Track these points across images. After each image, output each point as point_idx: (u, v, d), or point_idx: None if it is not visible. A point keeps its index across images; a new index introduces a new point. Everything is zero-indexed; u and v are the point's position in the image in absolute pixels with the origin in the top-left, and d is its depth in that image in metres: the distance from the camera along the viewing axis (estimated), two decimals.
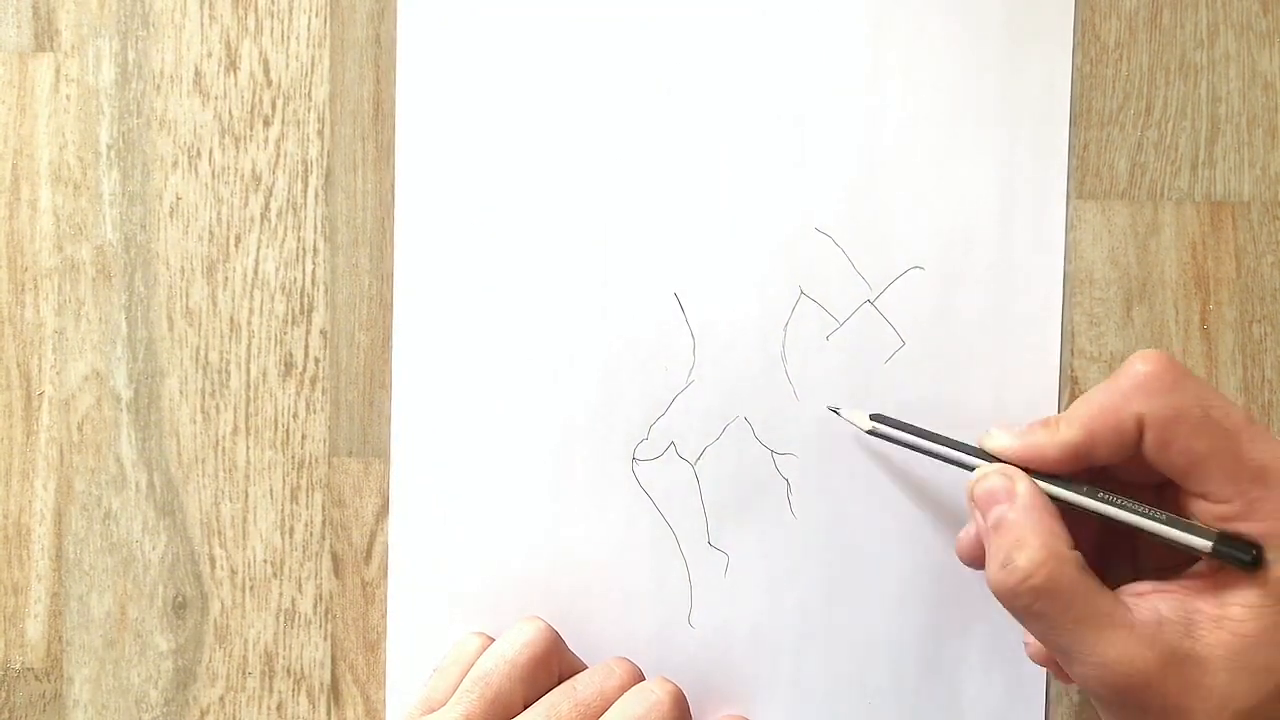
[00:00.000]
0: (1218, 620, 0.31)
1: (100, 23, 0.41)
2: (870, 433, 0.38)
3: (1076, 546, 0.33)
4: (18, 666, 0.41)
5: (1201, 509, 0.32)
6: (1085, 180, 0.40)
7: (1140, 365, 0.32)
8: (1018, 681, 0.40)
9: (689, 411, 0.40)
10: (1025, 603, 0.32)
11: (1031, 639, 0.36)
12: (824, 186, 0.40)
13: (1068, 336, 0.40)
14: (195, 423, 0.41)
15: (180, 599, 0.41)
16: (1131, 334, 0.40)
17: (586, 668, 0.38)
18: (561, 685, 0.37)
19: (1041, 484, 0.34)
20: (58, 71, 0.41)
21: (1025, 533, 0.32)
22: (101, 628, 0.41)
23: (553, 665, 0.38)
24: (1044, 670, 0.39)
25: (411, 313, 0.40)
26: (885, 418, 0.38)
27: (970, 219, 0.40)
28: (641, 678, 0.38)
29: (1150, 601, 0.32)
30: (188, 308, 0.41)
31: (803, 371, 0.40)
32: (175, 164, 0.41)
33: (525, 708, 0.37)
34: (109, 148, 0.41)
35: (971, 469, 0.35)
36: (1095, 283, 0.40)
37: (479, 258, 0.40)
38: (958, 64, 0.40)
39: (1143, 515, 0.33)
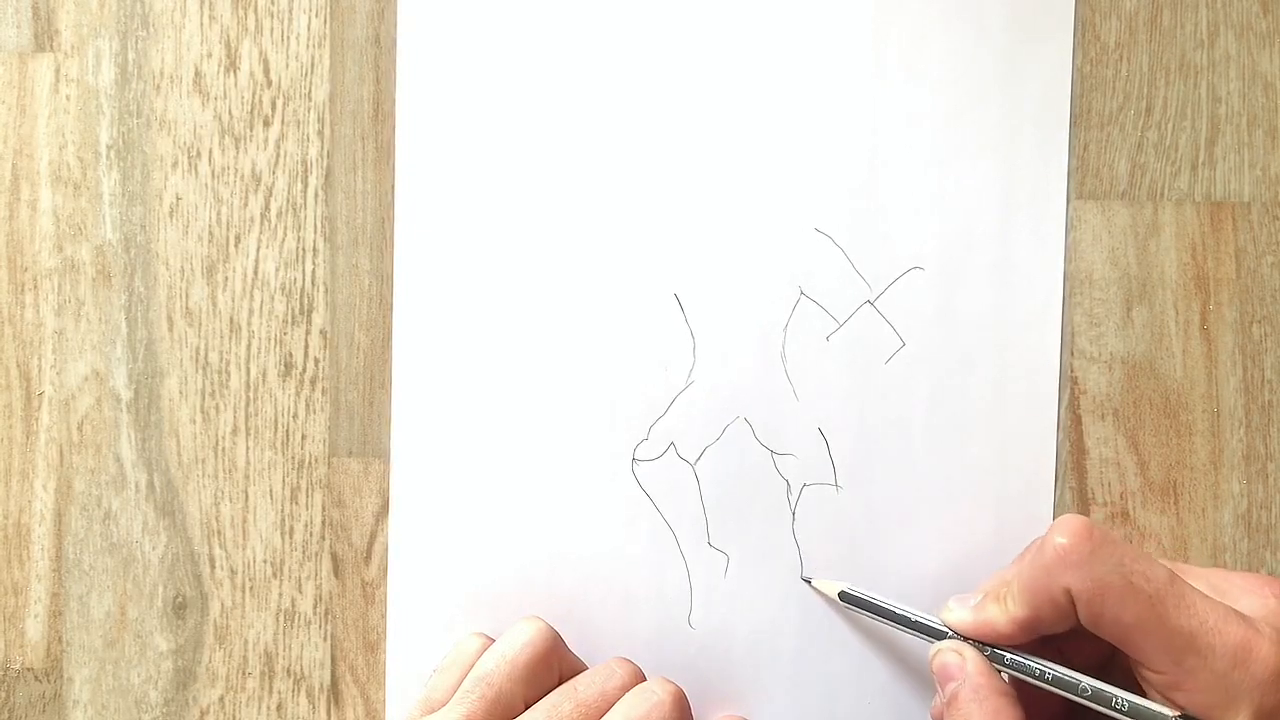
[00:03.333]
0: None
1: (100, 23, 0.41)
2: (842, 599, 0.39)
3: (1044, 709, 0.35)
4: (18, 667, 0.41)
5: (1146, 677, 0.33)
6: (1085, 180, 0.40)
7: (1059, 538, 0.33)
8: None
9: (689, 412, 0.40)
10: None
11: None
12: (824, 186, 0.40)
13: (1068, 336, 0.40)
14: (195, 423, 0.41)
15: (180, 599, 0.41)
16: (1131, 334, 0.40)
17: (587, 668, 0.38)
18: (562, 685, 0.37)
19: (1000, 660, 0.35)
20: (58, 72, 0.41)
21: (971, 713, 0.34)
22: (101, 628, 0.41)
23: (553, 665, 0.38)
24: None
25: (411, 313, 0.40)
26: (854, 592, 0.39)
27: (970, 219, 0.40)
28: (643, 678, 0.38)
29: None
30: (188, 308, 0.41)
31: (803, 372, 0.40)
32: (175, 164, 0.41)
33: (526, 708, 0.37)
34: (109, 148, 0.41)
35: (935, 638, 0.36)
36: (1095, 283, 0.40)
37: (479, 258, 0.40)
38: (958, 64, 0.40)
39: (1099, 702, 0.33)
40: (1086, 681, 0.34)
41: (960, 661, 0.35)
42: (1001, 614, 0.35)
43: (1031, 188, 0.40)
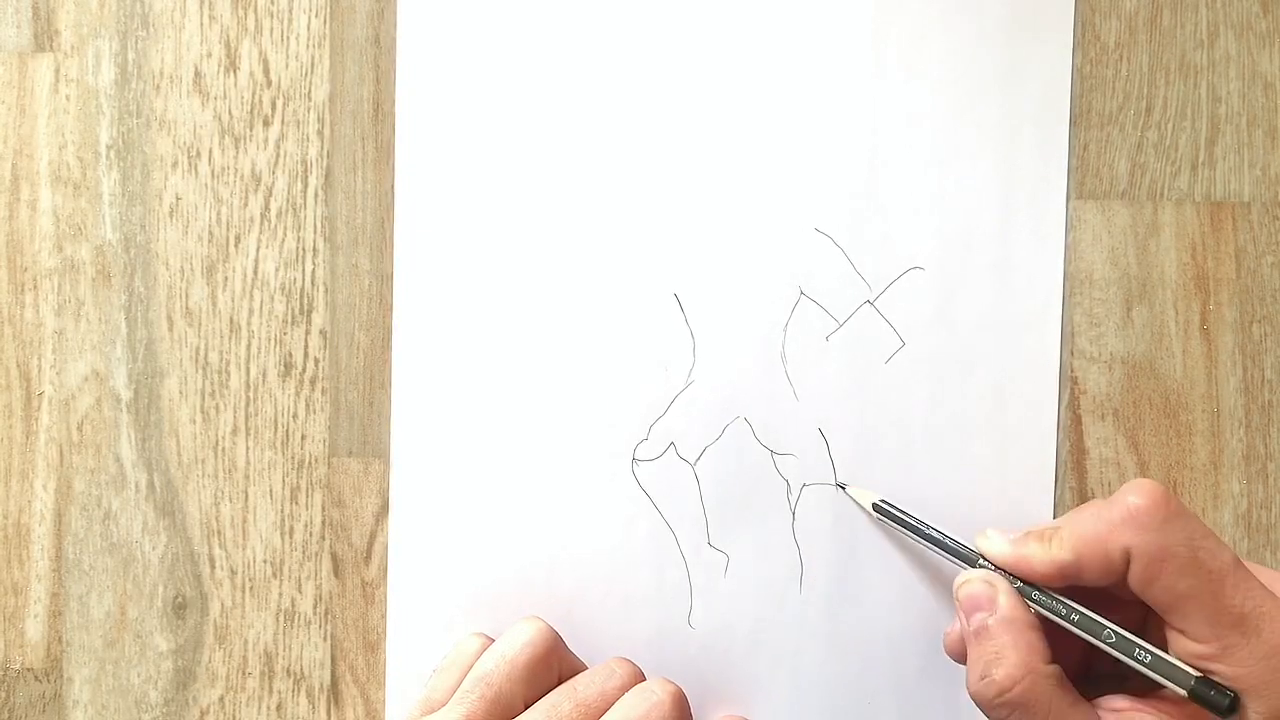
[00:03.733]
0: None
1: (100, 23, 0.41)
2: (875, 510, 0.39)
3: (1061, 653, 0.34)
4: (18, 667, 0.41)
5: (1180, 644, 0.33)
6: (1085, 180, 0.40)
7: (1133, 498, 0.33)
8: None
9: (689, 412, 0.40)
10: (1000, 715, 0.33)
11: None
12: (824, 186, 0.40)
13: (1068, 336, 0.40)
14: (195, 423, 0.41)
15: (180, 599, 0.41)
16: (1131, 334, 0.40)
17: (586, 668, 0.38)
18: (562, 685, 0.37)
19: (1028, 594, 0.34)
20: (58, 71, 0.41)
21: (1004, 646, 0.33)
22: (101, 628, 0.41)
23: (553, 665, 0.38)
24: None
25: (411, 313, 0.40)
26: (890, 504, 0.39)
27: (970, 219, 0.40)
28: (642, 678, 0.38)
29: (1126, 719, 0.33)
30: (187, 308, 0.41)
31: (803, 372, 0.40)
32: (175, 164, 0.41)
33: (526, 708, 0.37)
34: (109, 148, 0.41)
35: (965, 564, 0.36)
36: (1095, 283, 0.40)
37: (479, 258, 0.40)
38: (958, 64, 0.40)
39: (1121, 650, 0.33)
40: (1111, 628, 0.33)
41: (991, 592, 0.34)
42: (1043, 552, 0.34)
43: (1031, 188, 0.40)
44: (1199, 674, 0.32)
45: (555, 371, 0.40)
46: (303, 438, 0.41)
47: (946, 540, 0.37)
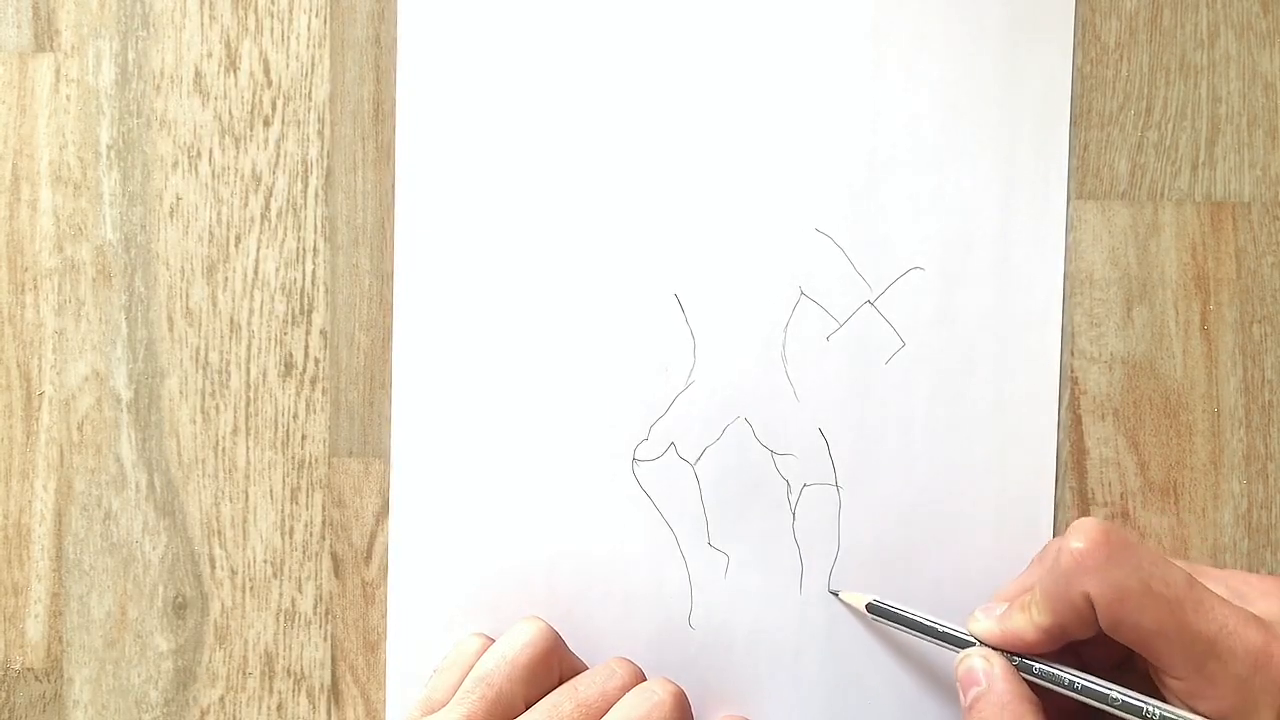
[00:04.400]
0: None
1: (100, 23, 0.41)
2: (869, 611, 0.39)
3: (1061, 709, 0.34)
4: (18, 667, 0.41)
5: (1163, 681, 0.32)
6: (1085, 180, 0.40)
7: (1075, 543, 0.33)
8: None
9: (689, 412, 0.40)
10: None
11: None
12: (824, 186, 0.40)
13: (1068, 336, 0.40)
14: (195, 423, 0.41)
15: (180, 599, 0.41)
16: (1132, 334, 0.40)
17: (587, 668, 0.38)
18: (563, 685, 0.37)
19: (1029, 669, 0.35)
20: (58, 72, 0.41)
21: (991, 718, 0.33)
22: (101, 628, 0.41)
23: (553, 665, 0.38)
24: None
25: (411, 313, 0.40)
26: (882, 604, 0.39)
27: (970, 219, 0.40)
28: (643, 678, 0.38)
29: None
30: (188, 308, 0.41)
31: (803, 372, 0.40)
32: (175, 164, 0.41)
33: (526, 708, 0.37)
34: (109, 148, 0.41)
35: (961, 648, 0.36)
36: (1095, 283, 0.40)
37: (479, 258, 0.40)
38: (958, 64, 0.40)
39: (1129, 711, 0.33)
40: (1116, 692, 0.33)
41: (987, 667, 0.35)
42: (1027, 623, 0.34)
43: (1031, 188, 0.40)
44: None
45: (555, 371, 0.40)
46: (303, 438, 0.41)
47: (942, 629, 0.37)
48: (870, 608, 0.39)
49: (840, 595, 0.40)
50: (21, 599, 0.41)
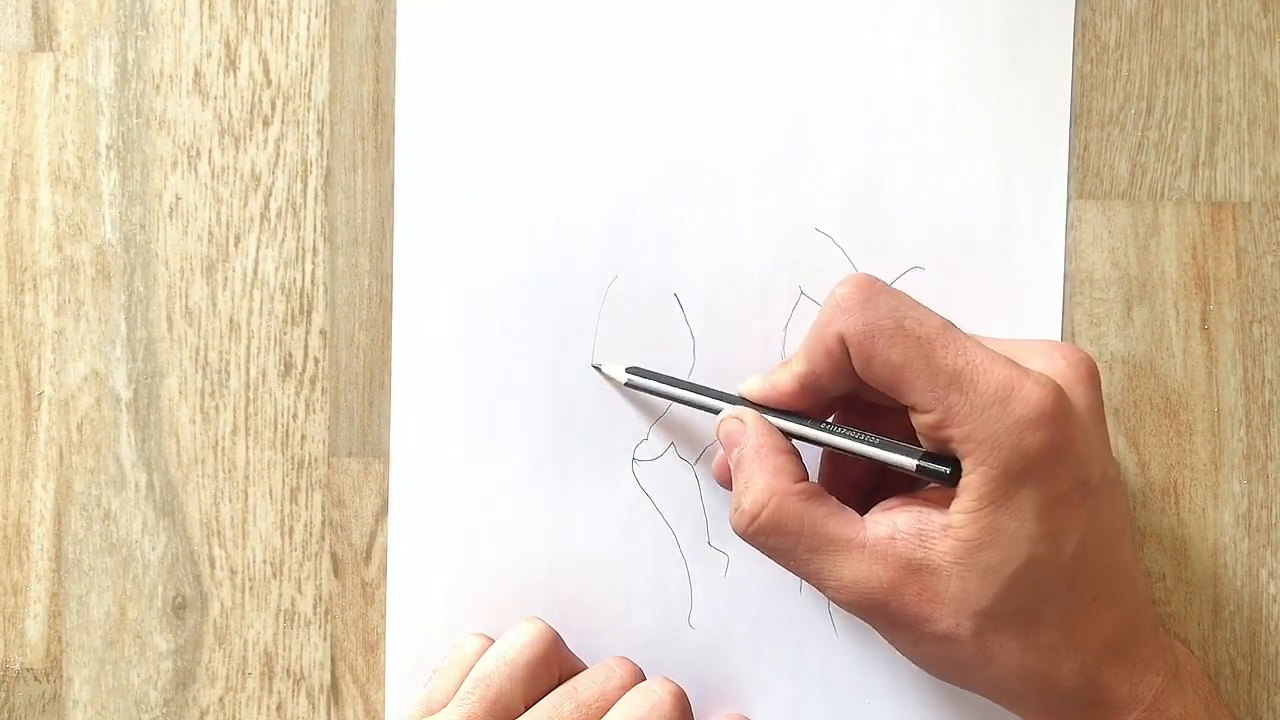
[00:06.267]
0: (944, 529, 0.32)
1: (100, 23, 0.41)
2: (627, 384, 0.39)
3: (850, 477, 0.35)
4: (17, 667, 0.41)
5: (915, 421, 0.33)
6: (1085, 180, 0.40)
7: (839, 289, 0.33)
8: None
9: (689, 412, 0.40)
10: (759, 542, 0.34)
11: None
12: (824, 186, 0.40)
13: (1068, 336, 0.40)
14: (195, 423, 0.41)
15: (180, 599, 0.41)
16: (1132, 334, 0.40)
17: (587, 668, 0.38)
18: (562, 686, 0.37)
19: (775, 420, 0.35)
20: (57, 71, 0.41)
21: (751, 474, 0.34)
22: (101, 628, 0.41)
23: (553, 666, 0.38)
24: None
25: (411, 313, 0.40)
26: (641, 369, 0.39)
27: (970, 219, 0.40)
28: (643, 678, 0.38)
29: (890, 517, 0.33)
30: (187, 308, 0.41)
31: None
32: (175, 164, 0.41)
33: (526, 709, 0.37)
34: (108, 148, 0.41)
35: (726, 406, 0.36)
36: (1095, 283, 0.40)
37: (479, 258, 0.40)
38: (958, 64, 0.40)
39: (853, 439, 0.34)
40: (845, 427, 0.34)
41: (741, 427, 0.35)
42: (786, 373, 0.35)
43: (1031, 188, 0.40)
44: (923, 450, 0.32)
45: (555, 371, 0.40)
46: (303, 438, 0.41)
47: (706, 392, 0.37)
48: (631, 371, 0.39)
49: (601, 368, 0.40)
50: (21, 599, 0.41)
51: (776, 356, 0.40)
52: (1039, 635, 0.32)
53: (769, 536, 0.33)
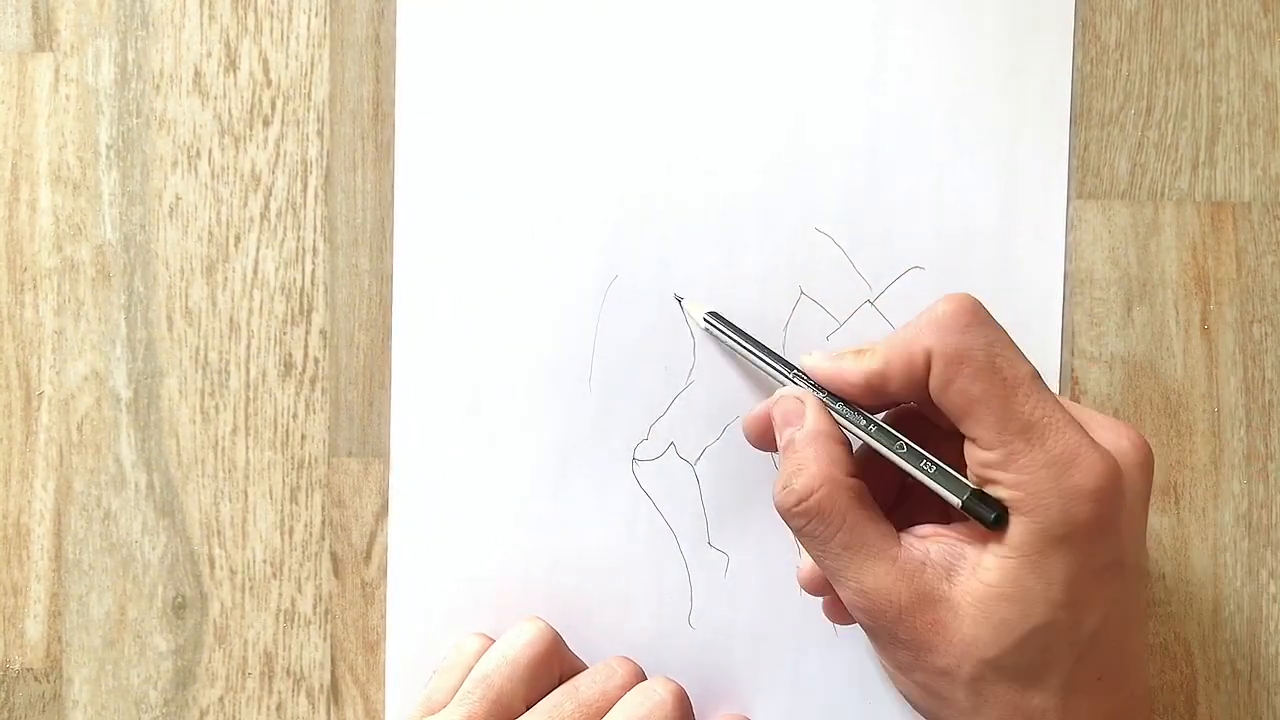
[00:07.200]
0: (974, 569, 0.31)
1: (100, 23, 0.41)
2: (705, 328, 0.39)
3: (883, 481, 0.35)
4: (17, 667, 0.41)
5: (971, 454, 0.32)
6: (1085, 180, 0.40)
7: (942, 305, 0.32)
8: None
9: (689, 412, 0.40)
10: (799, 524, 0.33)
11: (805, 563, 0.36)
12: (824, 186, 0.40)
13: (1068, 336, 0.40)
14: (195, 423, 0.41)
15: (180, 599, 0.41)
16: (1132, 334, 0.40)
17: (587, 668, 0.38)
18: (563, 685, 0.37)
19: (831, 407, 0.34)
20: (57, 71, 0.41)
21: (806, 457, 0.33)
22: (101, 628, 0.41)
23: (554, 665, 0.38)
24: None
25: (411, 313, 0.40)
26: (720, 315, 0.39)
27: (970, 219, 0.40)
28: (643, 677, 0.38)
29: (925, 544, 0.32)
30: (187, 308, 0.41)
31: None
32: (175, 164, 0.41)
33: (527, 708, 0.37)
34: (108, 148, 0.41)
35: (788, 381, 0.36)
36: (1095, 283, 0.40)
37: (479, 258, 0.40)
38: (958, 64, 0.40)
39: (909, 461, 0.33)
40: (904, 440, 0.33)
41: (799, 408, 0.34)
42: (855, 363, 0.34)
43: (1031, 188, 0.40)
44: (976, 488, 0.32)
45: (555, 371, 0.40)
46: (303, 438, 0.41)
47: (771, 358, 0.37)
48: (710, 315, 0.39)
49: (683, 302, 0.40)
50: (21, 599, 0.41)
51: None
52: (1033, 698, 0.31)
53: (810, 521, 0.33)
